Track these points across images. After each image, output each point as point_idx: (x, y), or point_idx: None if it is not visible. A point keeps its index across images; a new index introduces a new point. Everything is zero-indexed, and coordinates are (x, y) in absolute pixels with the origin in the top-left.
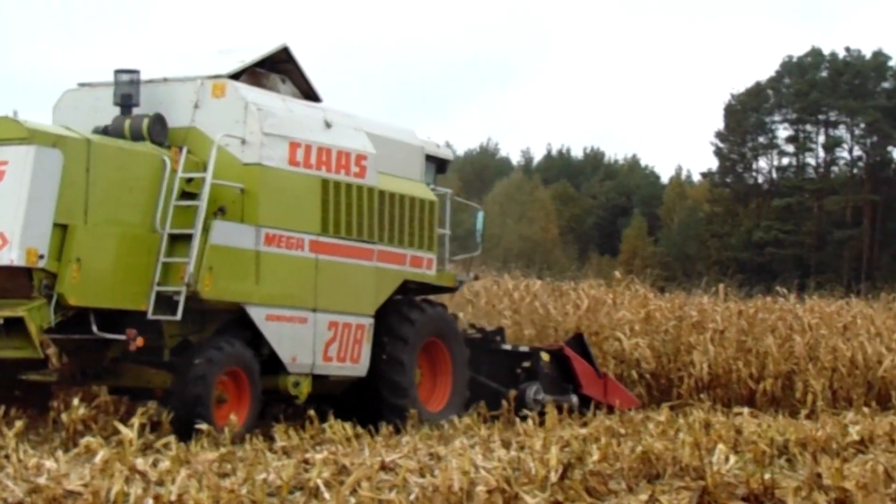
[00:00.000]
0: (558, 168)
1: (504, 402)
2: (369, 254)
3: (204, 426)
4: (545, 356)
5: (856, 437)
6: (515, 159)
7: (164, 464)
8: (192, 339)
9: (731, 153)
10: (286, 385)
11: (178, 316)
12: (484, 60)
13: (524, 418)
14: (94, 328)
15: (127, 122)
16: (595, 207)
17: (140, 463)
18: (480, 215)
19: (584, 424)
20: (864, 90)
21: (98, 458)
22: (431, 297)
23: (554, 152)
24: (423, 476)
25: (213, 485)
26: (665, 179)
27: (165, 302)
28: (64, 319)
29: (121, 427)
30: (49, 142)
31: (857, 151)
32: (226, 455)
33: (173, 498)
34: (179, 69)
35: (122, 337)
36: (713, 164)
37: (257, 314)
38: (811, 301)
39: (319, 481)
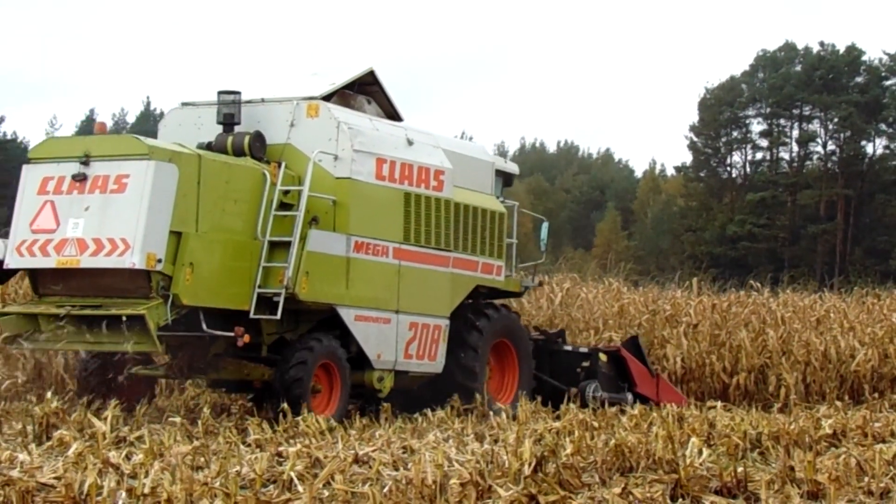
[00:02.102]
0: (532, 162)
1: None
2: (446, 261)
3: (177, 419)
4: (603, 357)
5: (828, 431)
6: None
7: (138, 457)
8: (287, 336)
9: (706, 147)
10: (371, 380)
11: (278, 315)
12: (458, 54)
13: (497, 412)
14: (204, 325)
15: (229, 139)
16: (569, 201)
17: (113, 456)
18: (545, 226)
19: (558, 418)
20: (837, 85)
21: (71, 451)
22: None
23: (528, 146)
24: (396, 469)
25: (186, 478)
26: (639, 173)
27: (265, 302)
28: (176, 318)
29: (94, 420)
30: (166, 157)
31: (830, 146)
32: (199, 448)
33: (146, 491)
34: (275, 91)
35: (230, 334)
36: (687, 158)
37: (347, 315)
38: (784, 295)
39: (293, 474)
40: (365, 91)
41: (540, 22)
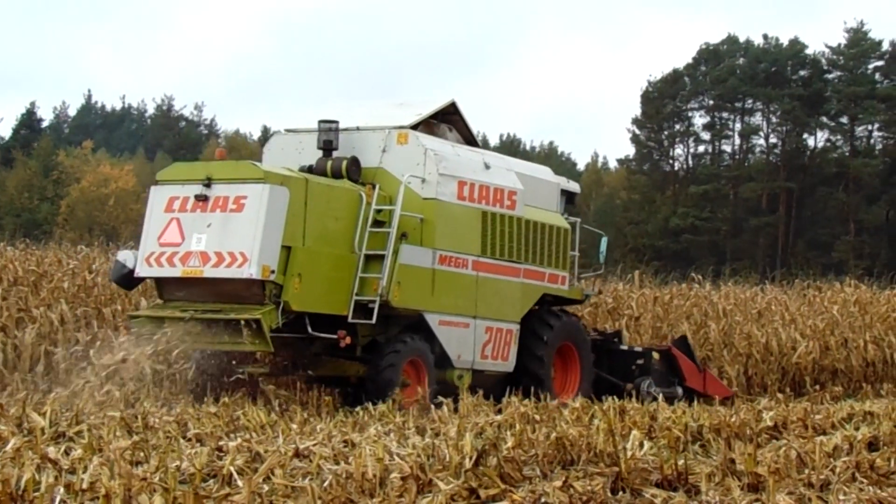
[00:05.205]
0: None
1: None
2: (517, 272)
3: (117, 414)
4: (656, 355)
5: (769, 423)
6: None
7: (77, 452)
8: (378, 338)
9: (648, 140)
10: (452, 377)
11: (374, 320)
12: (399, 48)
13: (439, 405)
14: (309, 329)
15: (329, 163)
16: None
17: (52, 451)
18: (604, 240)
19: (499, 411)
20: (780, 78)
21: (9, 447)
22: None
23: None
24: (337, 463)
25: (125, 472)
26: (581, 166)
27: (361, 308)
28: (285, 321)
29: (33, 415)
30: (278, 181)
31: (773, 139)
32: (138, 443)
33: (85, 486)
34: (368, 120)
35: (333, 336)
36: (630, 151)
37: (432, 320)
38: (726, 287)
39: (233, 468)
40: (447, 120)
41: (481, 14)
